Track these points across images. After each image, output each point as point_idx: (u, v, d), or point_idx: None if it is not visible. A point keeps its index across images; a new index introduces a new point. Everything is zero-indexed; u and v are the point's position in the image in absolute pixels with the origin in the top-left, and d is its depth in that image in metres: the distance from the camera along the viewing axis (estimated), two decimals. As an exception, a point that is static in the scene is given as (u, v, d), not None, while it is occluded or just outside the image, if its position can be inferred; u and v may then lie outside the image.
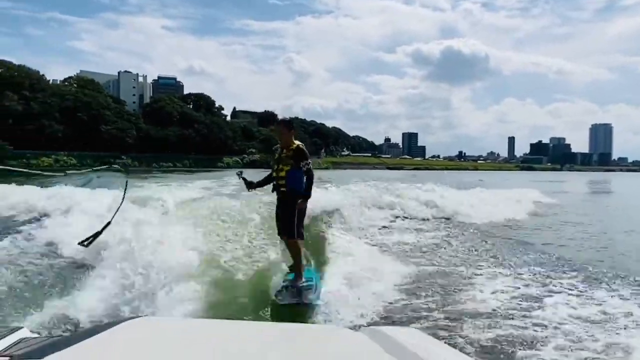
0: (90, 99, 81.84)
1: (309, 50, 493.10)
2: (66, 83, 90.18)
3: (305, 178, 5.24)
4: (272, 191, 5.46)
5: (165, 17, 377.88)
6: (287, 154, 5.29)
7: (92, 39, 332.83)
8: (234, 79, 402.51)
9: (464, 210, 12.21)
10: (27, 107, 73.63)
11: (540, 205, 16.10)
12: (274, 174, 5.38)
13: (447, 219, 11.74)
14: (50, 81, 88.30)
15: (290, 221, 5.24)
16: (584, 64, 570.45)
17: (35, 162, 70.62)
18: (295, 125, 5.65)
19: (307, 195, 5.30)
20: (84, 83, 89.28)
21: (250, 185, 5.62)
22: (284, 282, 5.29)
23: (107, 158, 76.69)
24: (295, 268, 5.34)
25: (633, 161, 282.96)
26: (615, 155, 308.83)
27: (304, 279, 5.23)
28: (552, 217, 13.69)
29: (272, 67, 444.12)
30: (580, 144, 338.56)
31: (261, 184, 5.66)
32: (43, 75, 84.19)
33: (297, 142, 5.34)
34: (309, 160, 5.27)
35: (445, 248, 8.34)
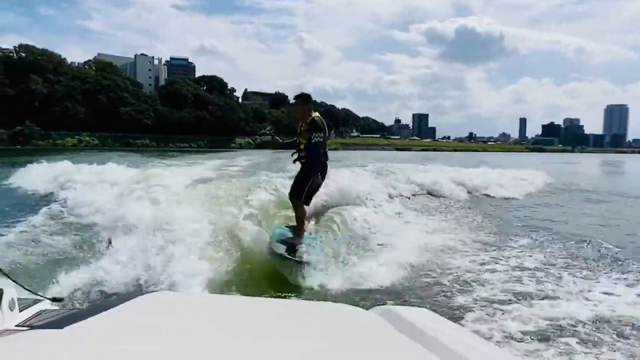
0: (110, 82, 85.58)
1: (320, 28, 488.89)
2: (86, 66, 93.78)
3: (312, 148, 5.34)
4: (294, 162, 5.69)
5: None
6: (304, 128, 5.40)
7: (102, 19, 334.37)
8: (245, 58, 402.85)
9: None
10: (51, 90, 77.70)
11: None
12: (296, 147, 5.60)
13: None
14: (69, 62, 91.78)
15: (301, 187, 5.48)
16: (602, 43, 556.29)
17: (61, 142, 75.06)
18: (308, 98, 5.71)
19: (313, 167, 5.39)
20: (102, 66, 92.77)
21: (283, 144, 6.18)
22: (282, 236, 5.55)
23: (127, 138, 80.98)
24: (298, 228, 5.61)
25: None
26: (630, 137, 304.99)
27: (302, 240, 5.46)
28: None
29: (283, 46, 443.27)
30: (595, 125, 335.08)
31: (290, 145, 5.85)
32: (65, 58, 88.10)
33: (314, 114, 5.38)
34: (320, 133, 5.30)
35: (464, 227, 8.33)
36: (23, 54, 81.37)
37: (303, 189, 5.48)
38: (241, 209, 6.98)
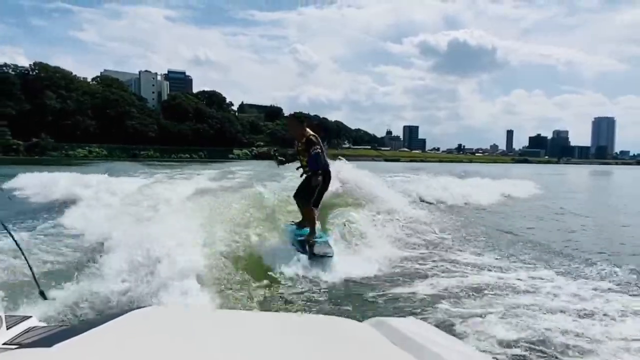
0: (117, 97, 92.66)
1: (314, 41, 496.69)
2: (94, 82, 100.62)
3: (314, 160, 6.03)
4: (301, 176, 6.42)
5: (168, 8, 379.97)
6: (302, 147, 6.13)
7: (94, 29, 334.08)
8: (240, 69, 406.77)
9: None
10: (64, 105, 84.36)
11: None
12: (300, 163, 6.35)
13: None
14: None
15: (310, 194, 6.19)
16: (592, 55, 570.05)
17: (73, 153, 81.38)
18: (302, 117, 6.49)
19: (315, 171, 6.05)
20: (109, 82, 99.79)
21: (280, 162, 6.65)
22: (299, 237, 6.21)
23: (133, 150, 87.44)
24: (310, 227, 6.29)
25: (634, 154, 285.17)
26: (618, 148, 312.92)
27: (316, 235, 6.24)
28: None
29: (278, 57, 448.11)
30: (584, 136, 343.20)
31: (287, 162, 6.64)
32: (75, 75, 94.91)
33: (308, 133, 6.09)
34: (317, 146, 6.03)
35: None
36: (37, 71, 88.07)
37: (309, 196, 6.23)
38: (241, 216, 7.10)
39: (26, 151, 76.15)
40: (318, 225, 6.71)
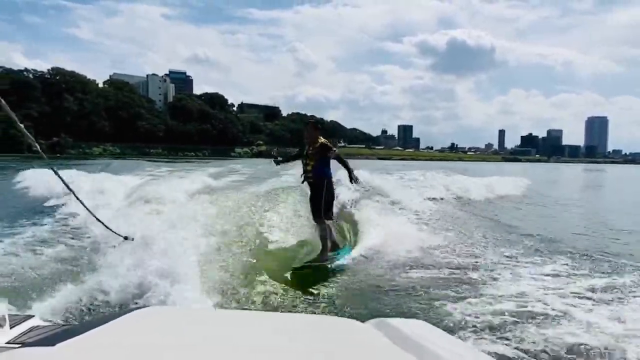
0: (128, 99, 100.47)
1: (312, 40, 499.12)
2: (106, 85, 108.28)
3: (339, 162, 6.19)
4: (302, 182, 6.33)
5: (164, 5, 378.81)
6: (312, 151, 6.15)
7: (90, 27, 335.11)
8: (238, 68, 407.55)
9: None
10: (80, 107, 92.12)
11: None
12: (303, 168, 6.25)
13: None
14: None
15: (318, 205, 6.12)
16: (589, 55, 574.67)
17: (89, 151, 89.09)
18: (320, 124, 6.75)
19: (349, 170, 6.21)
20: (120, 85, 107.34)
21: (277, 162, 6.62)
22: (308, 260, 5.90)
23: (143, 148, 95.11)
24: (322, 244, 6.11)
25: (626, 154, 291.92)
26: (611, 147, 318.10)
27: (328, 255, 5.98)
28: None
29: (275, 56, 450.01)
30: (578, 136, 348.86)
31: (286, 161, 6.70)
32: (89, 79, 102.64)
33: (322, 139, 6.16)
34: (334, 149, 6.20)
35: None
36: (53, 75, 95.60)
37: (320, 207, 6.13)
38: (245, 216, 6.91)
39: (47, 150, 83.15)
40: (346, 241, 6.94)
